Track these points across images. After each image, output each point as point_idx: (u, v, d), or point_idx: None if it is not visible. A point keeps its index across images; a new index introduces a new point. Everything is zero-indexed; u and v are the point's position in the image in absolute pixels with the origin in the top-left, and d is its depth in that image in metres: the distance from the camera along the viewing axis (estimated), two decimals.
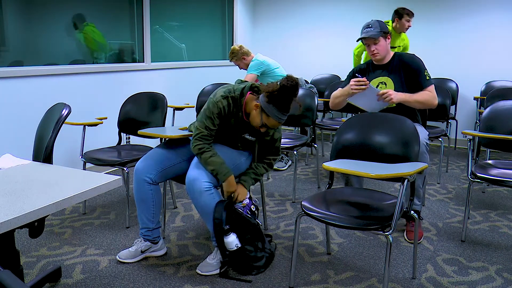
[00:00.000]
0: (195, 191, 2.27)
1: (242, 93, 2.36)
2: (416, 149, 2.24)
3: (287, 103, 2.25)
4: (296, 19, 6.34)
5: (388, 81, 2.94)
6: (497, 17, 5.18)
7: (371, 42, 2.92)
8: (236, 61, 4.44)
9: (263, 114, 2.28)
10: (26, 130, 3.48)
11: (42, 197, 1.40)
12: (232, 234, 2.29)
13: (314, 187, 3.88)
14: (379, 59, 2.97)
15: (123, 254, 2.51)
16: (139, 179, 2.41)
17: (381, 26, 2.94)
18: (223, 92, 2.35)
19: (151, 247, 2.53)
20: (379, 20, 2.98)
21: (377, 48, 2.92)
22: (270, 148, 2.53)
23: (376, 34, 2.89)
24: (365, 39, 2.92)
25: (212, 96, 2.37)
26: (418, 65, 2.90)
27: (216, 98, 2.33)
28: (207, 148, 2.33)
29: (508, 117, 2.84)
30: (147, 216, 2.47)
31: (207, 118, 2.34)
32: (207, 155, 2.31)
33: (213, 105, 2.33)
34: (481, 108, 4.81)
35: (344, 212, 2.06)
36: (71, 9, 4.02)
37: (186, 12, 5.45)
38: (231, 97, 2.35)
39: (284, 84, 2.22)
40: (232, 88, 2.38)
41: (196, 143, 2.34)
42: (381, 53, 2.93)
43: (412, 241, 2.78)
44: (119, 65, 4.43)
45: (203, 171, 2.30)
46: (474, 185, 3.79)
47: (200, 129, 2.34)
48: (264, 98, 2.26)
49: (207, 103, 2.37)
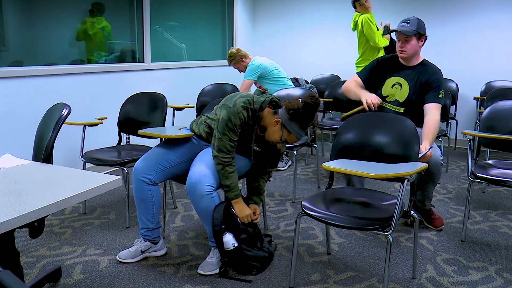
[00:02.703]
0: (196, 194, 2.26)
1: (262, 107, 2.32)
2: (416, 149, 2.24)
3: (308, 121, 2.27)
4: (296, 19, 6.34)
5: (405, 85, 2.90)
6: (497, 17, 5.18)
7: (403, 38, 2.83)
8: (235, 64, 4.44)
9: (284, 131, 2.28)
10: (26, 130, 3.48)
11: (42, 197, 1.40)
12: (228, 233, 2.29)
13: (314, 187, 3.88)
14: (404, 57, 2.89)
15: (123, 254, 2.51)
16: (138, 179, 2.41)
17: (419, 25, 2.84)
18: (243, 103, 2.26)
19: (151, 247, 2.53)
20: (419, 19, 2.89)
21: (406, 46, 2.84)
22: (273, 160, 2.55)
23: (410, 32, 2.80)
24: (398, 32, 2.83)
25: (231, 105, 2.26)
26: (437, 81, 2.83)
27: (237, 109, 2.24)
28: (232, 162, 2.30)
29: (508, 117, 2.84)
30: (147, 217, 2.47)
31: (230, 130, 2.25)
32: (230, 169, 2.29)
33: (234, 117, 2.24)
34: (481, 108, 4.80)
35: (344, 212, 2.05)
36: (72, 9, 4.02)
37: (186, 12, 5.45)
38: (251, 109, 2.29)
39: (308, 102, 2.23)
40: (252, 100, 2.30)
41: (222, 156, 2.27)
42: (408, 52, 2.85)
43: (439, 228, 2.94)
44: (119, 65, 4.43)
45: (205, 173, 2.28)
46: (474, 185, 3.79)
47: (225, 141, 2.27)
48: (286, 114, 2.26)
49: (226, 113, 2.25)
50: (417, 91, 2.87)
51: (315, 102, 2.24)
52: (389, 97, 2.96)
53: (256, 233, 2.40)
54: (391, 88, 2.95)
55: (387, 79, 2.97)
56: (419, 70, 2.90)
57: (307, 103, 2.23)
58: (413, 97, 2.86)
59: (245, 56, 4.40)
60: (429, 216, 2.97)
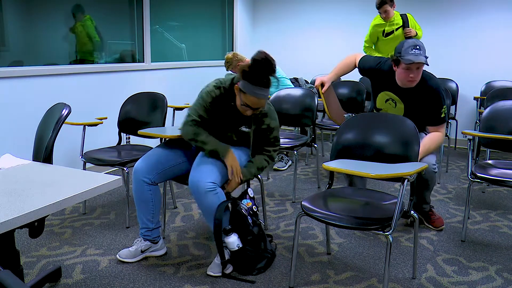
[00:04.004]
0: (200, 191, 2.25)
1: (232, 83, 2.39)
2: (416, 149, 2.24)
3: (260, 77, 2.21)
4: (296, 19, 6.34)
5: (399, 103, 2.80)
6: (497, 17, 5.18)
7: (415, 66, 2.58)
8: (232, 69, 4.43)
9: (241, 93, 2.27)
10: (26, 130, 3.48)
11: (42, 197, 1.40)
12: (233, 234, 2.29)
13: (314, 187, 3.88)
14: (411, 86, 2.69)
15: (123, 253, 2.51)
16: (138, 180, 2.41)
17: (424, 49, 2.60)
18: (215, 83, 2.41)
19: (151, 247, 2.53)
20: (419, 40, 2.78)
21: (416, 75, 2.62)
22: (268, 138, 2.48)
23: (425, 60, 2.55)
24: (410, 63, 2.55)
25: (205, 87, 2.43)
26: (438, 100, 2.69)
27: (209, 88, 2.40)
28: (202, 130, 2.38)
29: (508, 117, 2.84)
30: (147, 216, 2.47)
31: (201, 106, 2.39)
32: (203, 136, 2.36)
33: (206, 95, 2.39)
34: (481, 108, 4.81)
35: (344, 212, 2.05)
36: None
37: (186, 12, 5.45)
38: (223, 87, 2.39)
39: (255, 58, 2.23)
40: (223, 80, 2.43)
41: (189, 129, 2.36)
42: (416, 81, 2.66)
43: (439, 228, 2.93)
44: (119, 65, 4.43)
45: (206, 171, 2.29)
46: (474, 185, 3.79)
47: (193, 116, 2.38)
48: (240, 77, 2.28)
49: (199, 94, 2.43)
50: (415, 109, 2.76)
51: (263, 56, 2.21)
52: (383, 110, 2.93)
53: (261, 235, 2.40)
54: (385, 103, 2.90)
55: (381, 92, 2.89)
56: (416, 90, 2.73)
57: (254, 59, 2.23)
58: (410, 114, 2.67)
59: (242, 61, 4.39)
60: (429, 216, 2.97)
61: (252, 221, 2.37)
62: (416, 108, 2.77)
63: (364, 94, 4.33)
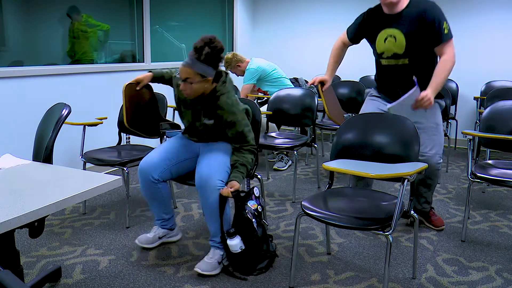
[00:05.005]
0: (208, 188, 2.26)
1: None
2: (416, 149, 2.24)
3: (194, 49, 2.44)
4: (296, 19, 6.34)
5: (398, 35, 2.60)
6: (497, 17, 5.18)
7: None
8: (232, 69, 4.44)
9: None
10: (26, 130, 3.48)
11: (42, 197, 1.40)
12: (236, 237, 2.29)
13: (314, 187, 3.88)
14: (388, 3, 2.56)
15: (142, 239, 2.60)
16: (146, 180, 2.44)
17: None
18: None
19: (168, 233, 2.66)
20: None
21: None
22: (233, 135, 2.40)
23: None
24: None
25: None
26: (434, 16, 2.52)
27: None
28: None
29: (508, 117, 2.84)
30: (160, 210, 2.58)
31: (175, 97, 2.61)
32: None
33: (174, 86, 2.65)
34: (481, 108, 4.81)
35: (344, 212, 2.05)
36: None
37: (186, 12, 5.45)
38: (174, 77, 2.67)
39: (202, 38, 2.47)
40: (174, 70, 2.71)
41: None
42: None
43: (439, 228, 2.93)
44: (119, 65, 4.43)
45: (215, 168, 2.31)
46: (474, 185, 3.79)
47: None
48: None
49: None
50: (415, 36, 2.58)
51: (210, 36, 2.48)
52: (385, 53, 2.70)
53: (264, 236, 2.40)
54: (384, 43, 2.67)
55: (378, 34, 2.70)
56: (408, 12, 2.58)
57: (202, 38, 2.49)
58: (413, 44, 2.57)
59: (241, 61, 4.39)
60: (429, 216, 2.97)
61: (257, 222, 2.37)
62: (416, 34, 2.57)
63: (364, 94, 4.33)
